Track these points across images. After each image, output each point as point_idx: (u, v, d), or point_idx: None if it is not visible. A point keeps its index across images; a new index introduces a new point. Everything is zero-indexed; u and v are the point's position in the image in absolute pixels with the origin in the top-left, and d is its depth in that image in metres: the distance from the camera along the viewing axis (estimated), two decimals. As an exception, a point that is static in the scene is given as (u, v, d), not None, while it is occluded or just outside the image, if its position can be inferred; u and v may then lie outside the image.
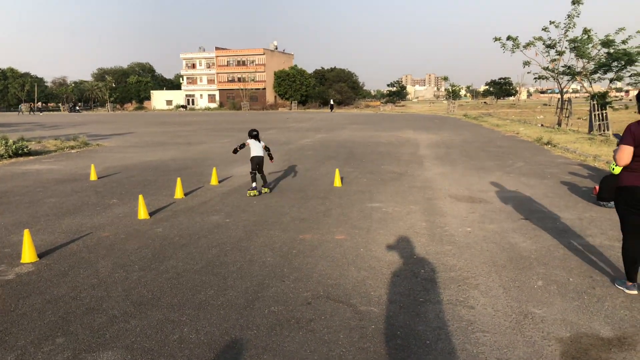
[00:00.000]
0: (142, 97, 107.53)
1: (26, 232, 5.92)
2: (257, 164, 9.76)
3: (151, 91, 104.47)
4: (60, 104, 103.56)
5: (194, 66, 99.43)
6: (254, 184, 9.81)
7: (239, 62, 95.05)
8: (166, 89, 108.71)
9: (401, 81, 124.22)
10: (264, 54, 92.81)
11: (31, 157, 16.60)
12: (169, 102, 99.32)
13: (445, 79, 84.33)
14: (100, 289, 4.98)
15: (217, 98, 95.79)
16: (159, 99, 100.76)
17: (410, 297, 4.74)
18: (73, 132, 28.80)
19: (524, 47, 31.85)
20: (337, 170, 11.12)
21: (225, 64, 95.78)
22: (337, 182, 10.76)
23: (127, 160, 15.49)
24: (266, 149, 9.87)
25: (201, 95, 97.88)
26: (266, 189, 10.02)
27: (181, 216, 8.06)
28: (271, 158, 10.33)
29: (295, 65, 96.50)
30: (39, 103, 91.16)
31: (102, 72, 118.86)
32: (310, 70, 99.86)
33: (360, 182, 11.14)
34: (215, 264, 5.72)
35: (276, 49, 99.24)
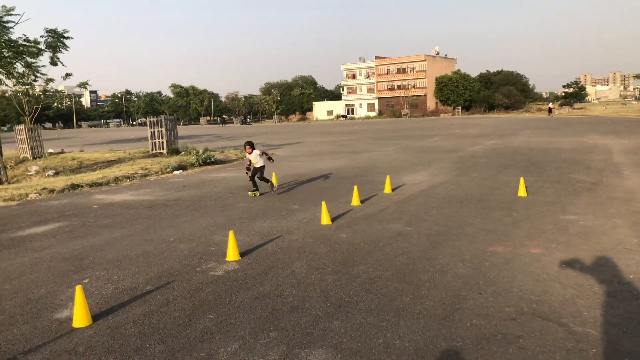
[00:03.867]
0: (304, 109, 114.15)
1: (231, 234, 6.64)
2: (254, 172, 11.36)
3: (313, 102, 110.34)
4: (232, 117, 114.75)
5: (354, 76, 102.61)
6: (254, 188, 11.48)
7: (398, 69, 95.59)
8: (327, 100, 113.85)
9: (579, 81, 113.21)
10: (424, 60, 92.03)
11: (217, 166, 18.65)
12: (329, 113, 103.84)
13: (638, 77, 74.54)
14: (300, 288, 5.36)
15: (377, 107, 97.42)
16: (321, 109, 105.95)
17: (634, 321, 4.25)
18: (242, 143, 31.66)
19: None
20: (521, 179, 10.50)
21: (385, 72, 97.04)
22: (522, 192, 10.14)
23: (301, 169, 16.53)
24: (264, 154, 11.45)
25: (360, 104, 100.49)
26: (272, 189, 11.56)
27: (361, 223, 8.32)
28: (270, 159, 11.80)
29: (458, 70, 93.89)
30: (224, 116, 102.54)
31: (269, 86, 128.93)
32: (474, 74, 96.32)
33: (547, 192, 10.36)
34: (405, 272, 5.77)
35: (437, 54, 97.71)
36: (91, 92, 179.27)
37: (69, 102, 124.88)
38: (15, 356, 4.16)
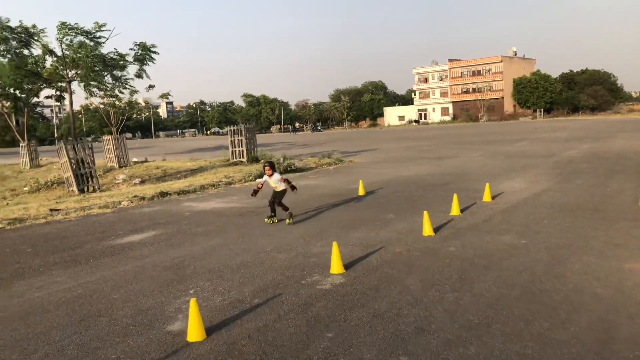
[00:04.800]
0: (375, 114, 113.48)
1: (334, 246, 6.37)
2: (274, 196, 9.74)
3: (384, 108, 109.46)
4: (303, 125, 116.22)
5: (426, 80, 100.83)
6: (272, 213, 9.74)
7: (473, 72, 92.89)
8: (398, 105, 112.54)
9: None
10: (501, 61, 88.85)
11: (297, 174, 18.63)
12: (401, 118, 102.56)
13: None
14: (419, 307, 4.97)
15: (451, 110, 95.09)
16: (392, 115, 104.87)
17: None
18: (323, 150, 31.64)
19: None
20: (642, 186, 9.55)
21: (459, 75, 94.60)
22: (645, 201, 9.21)
23: (384, 176, 16.12)
24: (286, 181, 9.81)
25: (433, 108, 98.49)
26: (288, 220, 9.52)
27: (468, 235, 7.80)
28: (293, 188, 9.85)
29: (538, 71, 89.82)
30: (296, 124, 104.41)
31: (338, 92, 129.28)
32: (555, 74, 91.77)
33: (674, 201, 9.33)
34: (534, 291, 5.24)
35: (515, 55, 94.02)
36: (167, 103, 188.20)
37: (147, 113, 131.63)
38: (136, 371, 4.07)
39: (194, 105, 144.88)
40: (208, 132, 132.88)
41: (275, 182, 9.68)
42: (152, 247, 8.30)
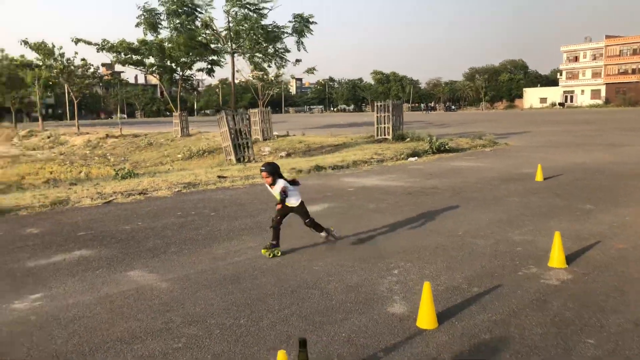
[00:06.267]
0: (513, 95, 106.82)
1: (557, 235, 5.66)
2: (283, 212, 6.61)
3: (524, 89, 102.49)
4: (435, 104, 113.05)
5: (576, 59, 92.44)
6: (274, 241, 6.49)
7: (635, 50, 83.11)
8: (540, 86, 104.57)
9: None
10: (672, 37, 78.35)
11: (451, 154, 17.78)
12: (542, 100, 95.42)
13: None
14: (695, 320, 4.17)
15: (603, 93, 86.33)
16: (532, 96, 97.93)
17: None
18: (464, 131, 30.15)
19: None
20: None
21: (617, 53, 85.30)
22: None
23: (555, 162, 14.71)
24: (284, 192, 6.47)
25: (582, 90, 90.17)
26: (325, 236, 6.79)
27: None
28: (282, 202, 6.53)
29: None
30: (429, 103, 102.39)
31: (473, 71, 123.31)
32: None
33: None
34: None
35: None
36: (296, 79, 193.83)
37: (278, 89, 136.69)
38: (376, 353, 3.82)
39: (322, 82, 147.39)
40: (334, 109, 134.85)
41: (278, 192, 6.50)
42: (331, 220, 8.17)
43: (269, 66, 25.85)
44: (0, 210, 9.36)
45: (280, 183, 6.42)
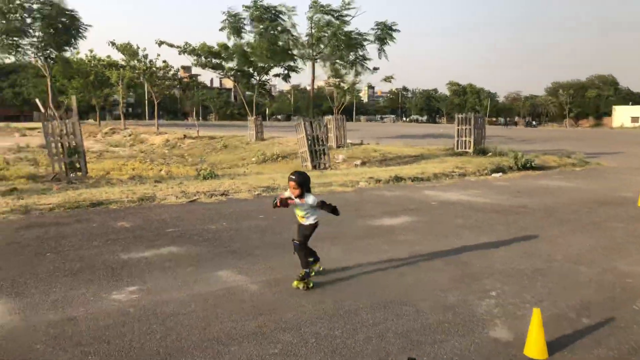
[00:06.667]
0: (600, 113, 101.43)
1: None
2: (304, 235, 5.77)
3: (613, 106, 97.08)
4: (512, 119, 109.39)
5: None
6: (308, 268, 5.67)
7: None
8: (632, 104, 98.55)
9: None
10: None
11: (537, 172, 17.02)
12: (634, 119, 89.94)
13: None
14: None
15: None
16: (623, 115, 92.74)
17: None
18: (547, 148, 28.83)
19: None
20: None
21: None
22: None
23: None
24: (324, 204, 5.72)
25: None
26: (298, 283, 5.53)
27: None
28: (335, 210, 5.83)
29: None
30: (508, 118, 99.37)
31: (556, 85, 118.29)
32: None
33: None
34: None
35: None
36: (369, 87, 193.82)
37: (352, 97, 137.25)
38: (483, 381, 3.64)
39: (395, 91, 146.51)
40: (406, 119, 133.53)
41: (305, 209, 5.66)
42: (415, 234, 8.01)
43: (347, 73, 26.01)
44: (92, 203, 9.90)
45: (312, 198, 5.58)
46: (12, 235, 7.49)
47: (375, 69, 27.89)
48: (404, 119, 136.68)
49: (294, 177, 5.52)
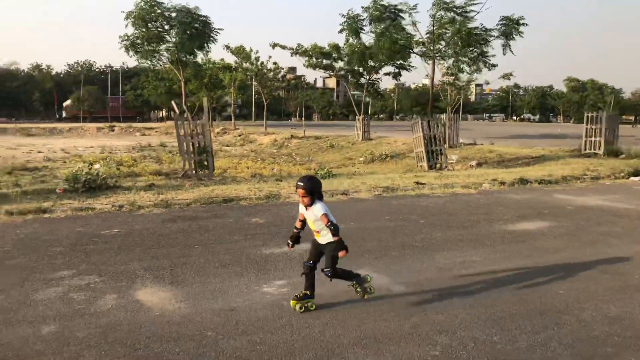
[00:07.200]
0: None
1: None
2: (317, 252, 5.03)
3: None
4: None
5: None
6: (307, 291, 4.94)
7: None
8: None
9: None
10: None
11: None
12: None
13: None
14: None
15: None
16: None
17: None
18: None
19: None
20: None
21: None
22: None
23: None
24: (330, 224, 4.73)
25: None
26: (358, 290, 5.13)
27: None
28: (342, 247, 4.77)
29: None
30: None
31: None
32: None
33: None
34: None
35: None
36: (477, 85, 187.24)
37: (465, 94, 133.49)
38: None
39: (505, 88, 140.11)
40: (515, 118, 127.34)
41: (315, 218, 4.84)
42: (558, 241, 7.64)
43: (472, 71, 25.35)
44: (224, 199, 10.51)
45: (320, 207, 4.78)
46: (160, 227, 8.15)
47: (494, 65, 26.90)
48: (514, 117, 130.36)
49: (301, 184, 4.74)
